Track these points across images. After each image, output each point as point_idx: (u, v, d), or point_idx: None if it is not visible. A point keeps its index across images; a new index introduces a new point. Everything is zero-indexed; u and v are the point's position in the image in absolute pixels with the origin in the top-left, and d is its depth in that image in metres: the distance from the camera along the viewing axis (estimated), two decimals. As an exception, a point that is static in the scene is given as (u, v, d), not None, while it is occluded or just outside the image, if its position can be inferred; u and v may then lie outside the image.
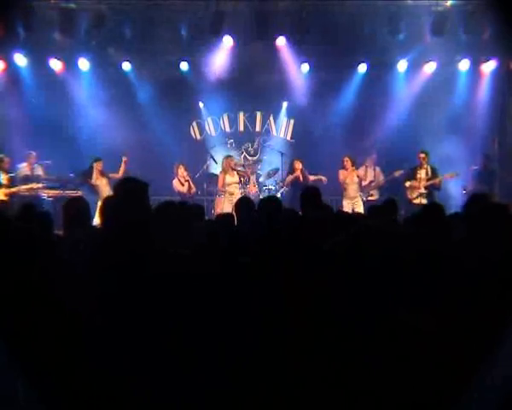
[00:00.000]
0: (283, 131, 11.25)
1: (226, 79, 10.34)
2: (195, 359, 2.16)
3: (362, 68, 10.40)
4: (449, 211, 3.95)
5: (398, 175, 9.39)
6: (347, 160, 9.03)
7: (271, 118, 11.23)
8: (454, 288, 2.30)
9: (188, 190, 9.16)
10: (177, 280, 2.27)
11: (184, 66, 10.34)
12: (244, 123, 11.25)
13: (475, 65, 10.18)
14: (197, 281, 2.32)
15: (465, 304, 2.21)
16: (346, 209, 8.61)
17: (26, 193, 8.70)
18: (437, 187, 8.80)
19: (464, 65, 10.16)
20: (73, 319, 2.11)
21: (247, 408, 2.14)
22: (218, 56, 10.11)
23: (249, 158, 11.16)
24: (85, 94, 10.34)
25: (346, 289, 2.09)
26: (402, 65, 10.23)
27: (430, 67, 10.20)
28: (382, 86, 10.36)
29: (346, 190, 9.05)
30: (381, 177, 9.76)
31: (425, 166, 8.78)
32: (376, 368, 1.94)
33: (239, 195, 8.54)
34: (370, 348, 1.97)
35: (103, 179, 9.11)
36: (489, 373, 1.94)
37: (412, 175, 8.89)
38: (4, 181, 8.66)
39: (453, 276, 2.39)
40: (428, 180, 8.76)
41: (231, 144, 11.23)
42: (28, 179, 9.02)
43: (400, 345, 1.97)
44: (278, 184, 9.94)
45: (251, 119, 11.22)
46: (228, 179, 9.03)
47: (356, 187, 9.05)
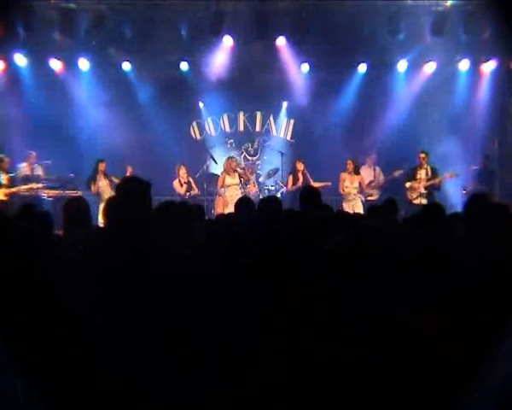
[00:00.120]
0: (283, 131, 11.24)
1: (226, 79, 10.34)
2: (195, 359, 2.16)
3: (362, 68, 10.39)
4: (449, 211, 3.95)
5: (397, 175, 9.40)
6: (350, 163, 9.01)
7: (271, 118, 11.22)
8: (454, 288, 2.30)
9: (185, 192, 9.16)
10: (178, 280, 2.27)
11: (184, 66, 10.34)
12: (244, 123, 11.24)
13: (475, 65, 10.18)
14: (198, 281, 2.32)
15: (465, 304, 2.21)
16: (346, 209, 8.62)
17: (26, 193, 8.70)
18: (437, 187, 8.80)
19: (464, 65, 10.16)
20: (73, 319, 2.12)
21: (247, 408, 2.14)
22: (218, 56, 10.12)
23: (249, 158, 11.16)
24: (85, 94, 10.34)
25: (346, 289, 2.09)
26: (402, 65, 10.23)
27: (430, 67, 10.20)
28: (382, 86, 10.36)
29: (345, 192, 9.05)
30: (381, 177, 9.76)
31: (425, 166, 8.78)
32: (376, 368, 1.94)
33: (238, 196, 8.54)
34: (370, 348, 1.97)
35: (105, 181, 9.06)
36: (489, 373, 1.94)
37: (412, 175, 8.88)
38: (4, 181, 8.66)
39: (453, 276, 2.39)
40: (428, 180, 8.76)
41: (231, 144, 11.23)
42: (28, 179, 9.02)
43: (400, 345, 1.97)
44: (278, 184, 9.95)
45: (251, 119, 11.22)
46: (227, 181, 9.04)
47: (355, 190, 9.03)
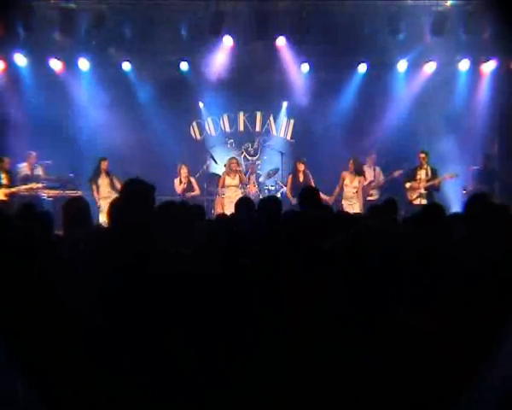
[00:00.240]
0: (283, 131, 11.23)
1: (226, 79, 10.34)
2: (195, 359, 2.16)
3: (362, 68, 10.39)
4: (449, 211, 3.95)
5: (397, 175, 9.40)
6: (351, 163, 8.98)
7: (271, 118, 11.21)
8: (454, 288, 2.30)
9: (182, 190, 9.14)
10: (178, 280, 2.27)
11: (184, 66, 10.33)
12: (244, 123, 11.24)
13: (475, 65, 10.17)
14: (197, 281, 2.32)
15: (465, 304, 2.21)
16: (345, 209, 8.62)
17: (26, 193, 8.69)
18: (436, 188, 8.80)
19: (464, 65, 10.15)
20: (74, 319, 2.12)
21: (247, 408, 2.14)
22: (218, 56, 10.11)
23: (249, 158, 11.15)
24: (85, 94, 10.34)
25: (346, 289, 2.09)
26: (402, 65, 10.22)
27: (430, 67, 10.19)
28: (382, 86, 10.35)
29: (344, 191, 9.03)
30: (381, 177, 9.75)
31: (425, 166, 8.77)
32: (376, 368, 1.94)
33: (238, 196, 8.54)
34: (370, 348, 1.97)
35: (106, 179, 8.99)
36: (489, 373, 1.94)
37: (412, 176, 8.88)
38: (4, 181, 8.65)
39: (453, 276, 2.39)
40: (428, 181, 8.76)
41: (231, 144, 11.22)
42: (28, 179, 9.01)
43: (400, 345, 1.97)
44: (278, 184, 9.94)
45: (251, 119, 11.21)
46: (227, 181, 9.05)
47: (353, 190, 8.98)
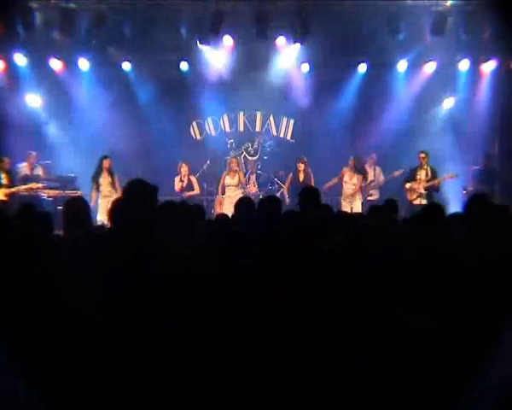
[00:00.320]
0: (283, 131, 11.23)
1: (226, 79, 10.35)
2: (196, 359, 2.16)
3: (362, 68, 10.38)
4: (449, 211, 3.95)
5: (397, 175, 9.40)
6: (351, 161, 8.98)
7: (271, 118, 11.20)
8: (454, 288, 2.30)
9: (180, 189, 9.12)
10: (178, 280, 2.27)
11: (184, 66, 10.32)
12: (244, 123, 11.23)
13: (475, 65, 10.16)
14: (198, 281, 2.32)
15: (465, 304, 2.21)
16: (344, 208, 8.61)
17: (26, 193, 8.69)
18: (436, 189, 8.80)
19: (464, 65, 10.15)
20: (74, 319, 2.12)
21: (247, 408, 2.14)
22: (218, 56, 10.12)
23: (249, 158, 11.15)
24: (85, 94, 10.33)
25: (346, 289, 2.09)
26: (402, 65, 10.22)
27: (430, 67, 10.19)
28: (382, 86, 10.35)
29: (343, 188, 9.03)
30: (381, 177, 9.75)
31: (425, 166, 8.77)
32: (376, 368, 1.94)
33: (238, 196, 8.54)
34: (370, 348, 1.97)
35: (107, 178, 8.84)
36: (488, 373, 1.94)
37: (412, 176, 8.88)
38: (4, 181, 8.65)
39: (453, 276, 2.39)
40: (428, 181, 8.76)
41: (231, 144, 11.22)
42: (28, 179, 9.00)
43: (400, 345, 1.97)
44: (278, 184, 9.94)
45: (251, 119, 11.21)
46: (227, 181, 9.06)
47: (352, 187, 8.97)
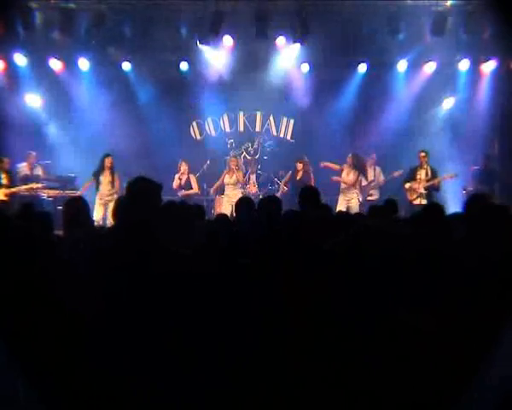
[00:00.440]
0: (283, 131, 11.23)
1: (226, 79, 10.35)
2: (196, 358, 2.16)
3: (362, 68, 10.38)
4: (449, 211, 3.94)
5: (397, 175, 9.39)
6: (349, 157, 8.91)
7: (271, 118, 11.20)
8: (454, 288, 2.30)
9: (177, 187, 9.10)
10: (179, 280, 2.27)
11: (184, 66, 10.32)
12: (244, 123, 11.23)
13: (475, 65, 10.16)
14: (198, 281, 2.32)
15: (465, 304, 2.21)
16: (341, 205, 8.54)
17: (26, 193, 8.68)
18: (436, 188, 8.79)
19: (464, 65, 10.14)
20: (73, 319, 2.11)
21: (247, 408, 2.14)
22: (218, 56, 10.12)
23: (249, 158, 11.15)
24: (85, 94, 10.33)
25: (346, 289, 2.09)
26: (402, 65, 10.21)
27: (430, 67, 10.18)
28: (382, 86, 10.34)
29: (341, 186, 8.97)
30: (381, 177, 9.75)
31: (425, 166, 8.76)
32: (376, 368, 1.94)
33: (237, 195, 8.54)
34: (370, 348, 1.97)
35: (108, 177, 8.74)
36: (488, 373, 1.94)
37: (412, 175, 8.87)
38: (4, 181, 8.65)
39: (453, 276, 2.39)
40: (428, 181, 8.75)
41: (231, 144, 11.22)
42: (28, 179, 9.00)
43: (400, 345, 1.97)
44: (278, 184, 9.94)
45: (251, 119, 11.21)
46: (226, 179, 9.08)
47: (349, 182, 8.86)
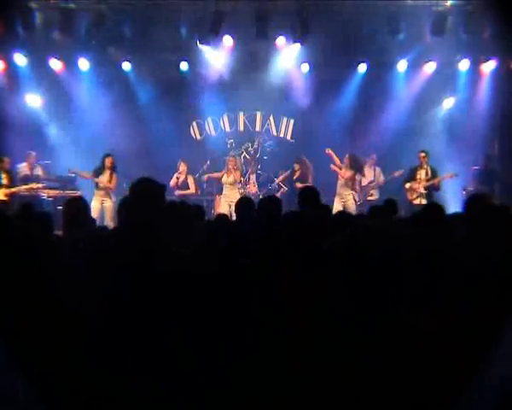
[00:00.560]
0: (283, 131, 11.23)
1: (226, 79, 10.35)
2: (196, 358, 2.16)
3: (362, 68, 10.38)
4: (449, 211, 3.94)
5: (397, 175, 9.39)
6: (346, 158, 8.87)
7: (271, 118, 11.20)
8: (454, 288, 2.30)
9: (174, 185, 9.08)
10: (180, 280, 2.27)
11: (184, 66, 10.32)
12: (244, 123, 11.23)
13: (475, 65, 10.16)
14: (198, 281, 2.32)
15: (465, 304, 2.21)
16: (336, 205, 8.45)
17: (26, 193, 8.68)
18: (436, 188, 8.79)
19: (464, 65, 10.14)
20: (73, 319, 2.12)
21: (247, 408, 2.14)
22: (218, 56, 10.12)
23: (249, 158, 11.15)
24: (85, 94, 10.33)
25: (346, 289, 2.09)
26: (402, 65, 10.21)
27: (430, 67, 10.18)
28: (382, 86, 10.34)
29: (337, 186, 8.90)
30: (381, 177, 9.76)
31: (425, 166, 8.76)
32: (376, 368, 1.94)
33: (237, 195, 8.55)
34: (370, 348, 1.97)
35: (107, 176, 8.67)
36: (488, 373, 1.94)
37: (412, 175, 8.87)
38: (4, 181, 8.64)
39: (453, 276, 2.39)
40: (428, 181, 8.75)
41: (231, 144, 11.22)
42: (28, 179, 9.00)
43: (400, 345, 1.97)
44: (278, 184, 9.95)
45: (251, 119, 11.21)
46: (223, 179, 9.10)
47: (344, 184, 8.72)
